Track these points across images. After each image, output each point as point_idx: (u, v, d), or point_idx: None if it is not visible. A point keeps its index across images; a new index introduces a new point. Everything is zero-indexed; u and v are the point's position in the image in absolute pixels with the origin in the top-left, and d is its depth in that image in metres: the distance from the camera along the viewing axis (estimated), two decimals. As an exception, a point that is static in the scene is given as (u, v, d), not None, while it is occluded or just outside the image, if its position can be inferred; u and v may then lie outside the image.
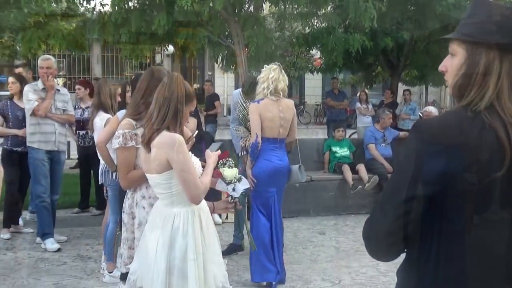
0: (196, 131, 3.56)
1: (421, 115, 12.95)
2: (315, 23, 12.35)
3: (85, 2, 11.43)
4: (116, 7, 10.27)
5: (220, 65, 13.81)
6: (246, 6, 11.52)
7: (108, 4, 10.99)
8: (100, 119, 5.34)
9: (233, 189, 3.37)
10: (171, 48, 14.34)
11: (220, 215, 7.66)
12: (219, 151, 3.35)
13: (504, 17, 1.63)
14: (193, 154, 3.19)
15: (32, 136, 6.34)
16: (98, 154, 4.96)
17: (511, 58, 1.63)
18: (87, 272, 5.62)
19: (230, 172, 3.37)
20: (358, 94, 14.89)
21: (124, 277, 3.53)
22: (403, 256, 1.81)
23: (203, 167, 3.25)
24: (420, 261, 1.71)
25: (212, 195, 3.38)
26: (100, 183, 5.51)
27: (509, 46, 1.62)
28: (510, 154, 1.55)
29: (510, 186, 1.56)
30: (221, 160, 3.39)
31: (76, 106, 8.03)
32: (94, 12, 11.60)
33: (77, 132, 7.83)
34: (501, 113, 1.59)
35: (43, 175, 6.37)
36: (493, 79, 1.62)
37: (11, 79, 6.93)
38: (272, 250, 5.26)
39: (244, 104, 5.82)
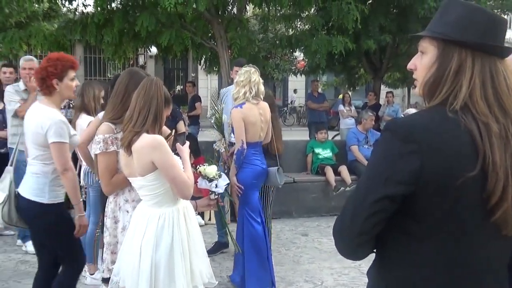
0: (174, 130, 3.53)
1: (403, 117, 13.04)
2: (298, 25, 12.39)
3: (67, 3, 11.36)
4: (99, 8, 10.22)
5: (204, 66, 13.80)
6: (230, 7, 11.54)
7: (90, 5, 10.93)
8: (83, 121, 5.29)
9: (216, 186, 3.39)
10: (154, 50, 14.27)
11: (203, 217, 7.65)
12: (188, 142, 3.37)
13: (476, 17, 1.64)
14: (174, 153, 3.19)
15: (14, 137, 6.28)
16: (79, 155, 4.93)
17: (482, 57, 1.63)
18: (68, 275, 5.57)
19: (210, 169, 3.39)
20: (341, 96, 14.95)
21: (106, 280, 3.50)
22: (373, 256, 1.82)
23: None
24: (393, 261, 1.71)
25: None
26: (81, 184, 5.47)
27: (481, 45, 1.63)
28: (483, 154, 1.55)
29: (484, 186, 1.56)
30: (199, 165, 3.41)
31: None
32: (77, 13, 11.53)
33: None
34: (474, 112, 1.59)
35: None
36: (466, 77, 1.61)
37: None
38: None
39: (216, 107, 5.74)
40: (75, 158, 5.98)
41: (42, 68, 3.68)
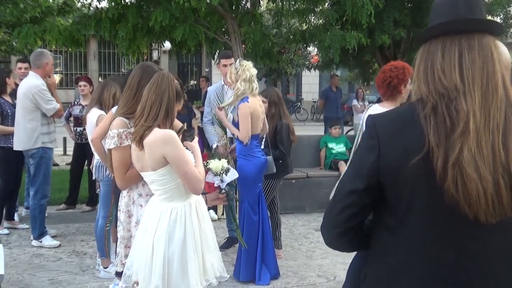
0: (186, 124, 3.53)
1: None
2: (312, 20, 12.33)
3: (81, -2, 11.41)
4: (113, 3, 10.25)
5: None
6: (243, 2, 11.51)
7: (104, 0, 10.96)
8: (93, 115, 5.29)
9: (221, 180, 3.41)
10: (168, 45, 14.29)
11: (216, 212, 7.66)
12: (197, 138, 3.41)
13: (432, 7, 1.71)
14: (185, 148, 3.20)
15: (46, 136, 6.24)
16: (93, 149, 4.94)
17: (424, 45, 1.71)
18: (82, 268, 5.62)
19: (215, 164, 3.42)
20: (356, 91, 14.92)
21: (120, 274, 3.52)
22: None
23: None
24: (373, 253, 1.77)
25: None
26: (93, 178, 5.49)
27: (423, 35, 1.72)
28: (429, 141, 1.54)
29: (431, 175, 1.55)
30: (205, 162, 3.43)
31: (75, 102, 8.00)
32: (91, 8, 11.57)
33: (75, 128, 7.82)
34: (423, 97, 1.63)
35: (51, 174, 6.38)
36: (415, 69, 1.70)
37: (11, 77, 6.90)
38: (262, 247, 5.28)
39: (220, 105, 5.77)
40: (89, 153, 6.02)
41: (393, 76, 4.04)
